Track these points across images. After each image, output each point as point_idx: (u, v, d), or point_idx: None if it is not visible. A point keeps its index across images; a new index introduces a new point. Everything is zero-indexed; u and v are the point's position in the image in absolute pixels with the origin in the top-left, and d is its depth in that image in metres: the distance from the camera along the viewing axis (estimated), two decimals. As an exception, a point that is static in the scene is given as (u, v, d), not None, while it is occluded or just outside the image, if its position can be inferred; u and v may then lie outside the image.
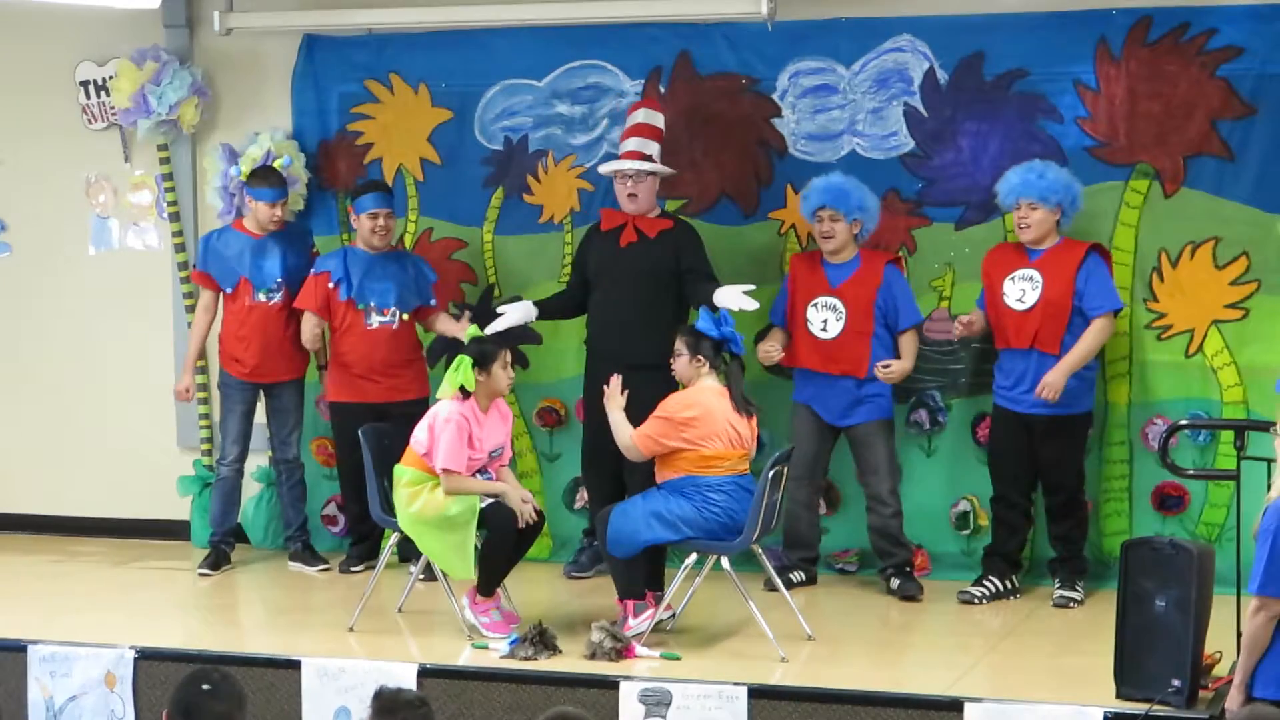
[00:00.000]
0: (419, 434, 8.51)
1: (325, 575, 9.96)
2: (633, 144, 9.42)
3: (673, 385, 8.86)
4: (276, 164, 10.04)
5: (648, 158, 9.37)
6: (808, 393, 9.36)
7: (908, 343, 9.31)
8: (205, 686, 5.70)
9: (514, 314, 9.29)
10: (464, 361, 8.49)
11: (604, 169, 9.53)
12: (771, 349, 9.31)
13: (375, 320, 9.74)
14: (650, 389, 8.72)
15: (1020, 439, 9.05)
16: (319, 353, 10.13)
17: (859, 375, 9.22)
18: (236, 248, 9.92)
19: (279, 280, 9.89)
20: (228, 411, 10.04)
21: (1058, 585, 9.09)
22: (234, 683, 5.79)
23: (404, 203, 10.31)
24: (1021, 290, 8.99)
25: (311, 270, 9.89)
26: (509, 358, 8.60)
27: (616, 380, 8.48)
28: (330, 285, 9.75)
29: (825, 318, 9.26)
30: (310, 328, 9.78)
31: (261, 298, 9.89)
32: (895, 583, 9.29)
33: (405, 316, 9.77)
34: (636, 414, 8.55)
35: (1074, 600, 9.00)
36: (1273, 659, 6.74)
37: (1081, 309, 8.92)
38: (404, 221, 10.31)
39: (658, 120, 9.49)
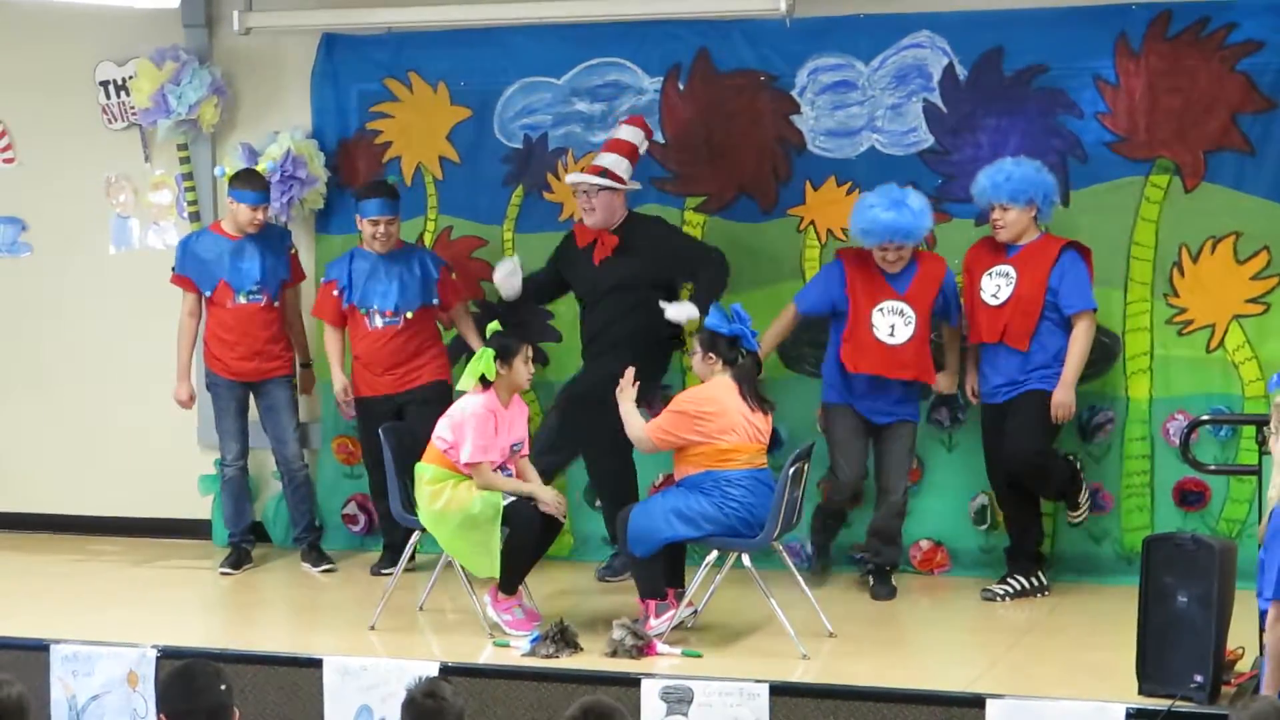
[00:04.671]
0: (440, 430, 8.51)
1: (346, 574, 9.95)
2: (598, 158, 9.44)
3: (650, 391, 8.90)
4: (260, 167, 10.04)
5: (605, 171, 9.35)
6: (849, 396, 9.25)
7: (955, 339, 9.35)
8: (223, 687, 5.67)
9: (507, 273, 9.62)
10: (486, 353, 8.49)
11: (567, 179, 9.54)
12: None
13: (379, 322, 9.75)
14: (643, 400, 8.74)
15: (1002, 431, 9.06)
16: (303, 349, 10.14)
17: (930, 381, 9.21)
18: (215, 250, 9.92)
19: (258, 281, 9.89)
20: (220, 411, 10.05)
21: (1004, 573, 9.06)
22: (214, 677, 5.72)
23: (423, 201, 10.32)
24: (997, 286, 9.01)
25: (323, 278, 9.95)
26: (530, 352, 8.60)
27: (630, 372, 8.48)
28: (335, 293, 9.78)
29: (893, 323, 9.15)
30: (331, 337, 9.85)
31: (242, 300, 9.90)
32: (871, 581, 9.27)
33: (409, 316, 9.76)
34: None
35: (996, 595, 8.98)
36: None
37: (1058, 306, 8.93)
38: (423, 220, 10.32)
39: (635, 137, 9.49)
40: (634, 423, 8.43)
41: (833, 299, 9.28)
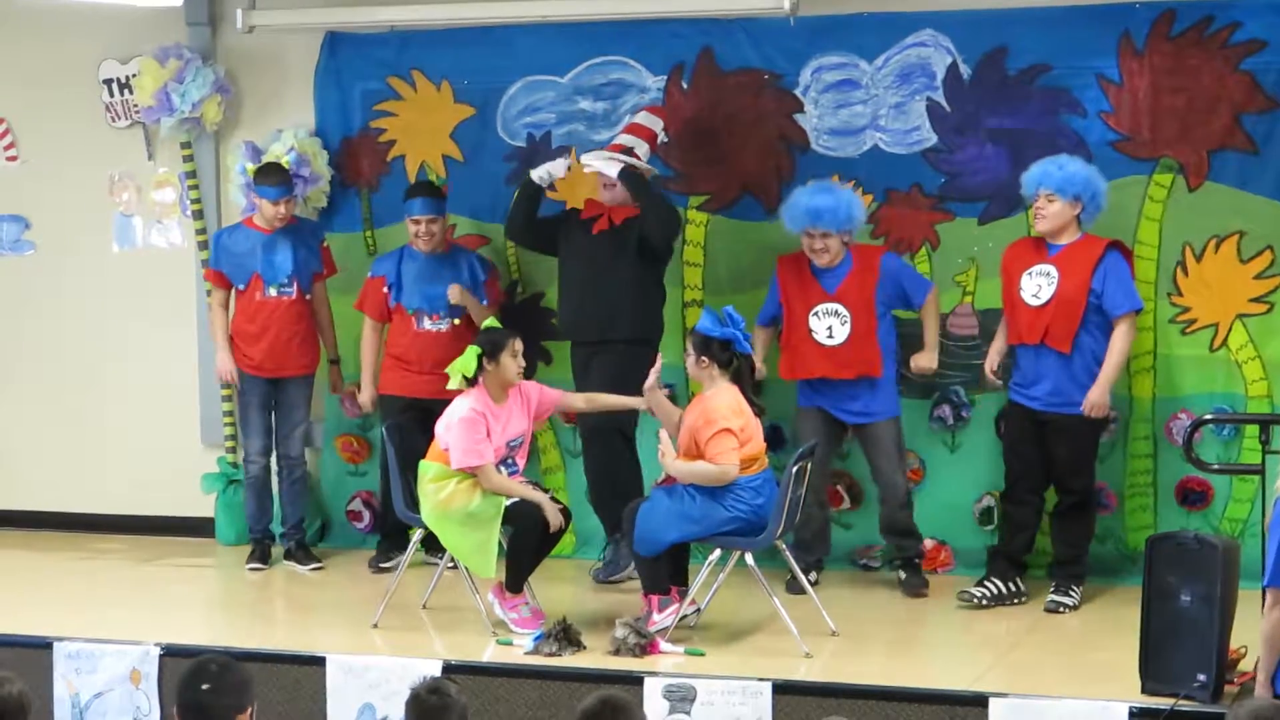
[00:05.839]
0: (440, 430, 8.51)
1: (350, 572, 9.94)
2: (619, 138, 9.47)
3: (640, 360, 8.86)
4: (284, 160, 10.05)
5: (628, 150, 9.38)
6: (819, 398, 9.29)
7: (928, 316, 9.28)
8: (206, 685, 5.69)
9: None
10: (472, 351, 8.48)
11: (584, 158, 9.54)
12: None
13: (427, 324, 9.78)
14: (618, 363, 8.96)
15: (1033, 435, 8.97)
16: (331, 345, 10.15)
17: (875, 375, 9.18)
18: (248, 244, 9.94)
19: (290, 275, 9.92)
20: (246, 406, 10.06)
21: (1052, 589, 8.96)
22: (235, 671, 5.76)
23: (427, 200, 10.34)
24: (1038, 285, 8.92)
25: (370, 273, 9.98)
26: (519, 346, 8.57)
27: (664, 435, 8.36)
28: (384, 289, 9.81)
29: (829, 324, 9.19)
30: (369, 337, 9.91)
31: (273, 293, 9.92)
32: (903, 575, 9.29)
33: (456, 322, 9.80)
34: (607, 387, 8.89)
35: (1066, 606, 8.86)
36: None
37: (1101, 308, 8.86)
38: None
39: (655, 125, 9.55)
40: (699, 469, 8.25)
41: (777, 308, 9.35)
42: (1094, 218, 8.97)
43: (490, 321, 8.73)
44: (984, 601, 8.99)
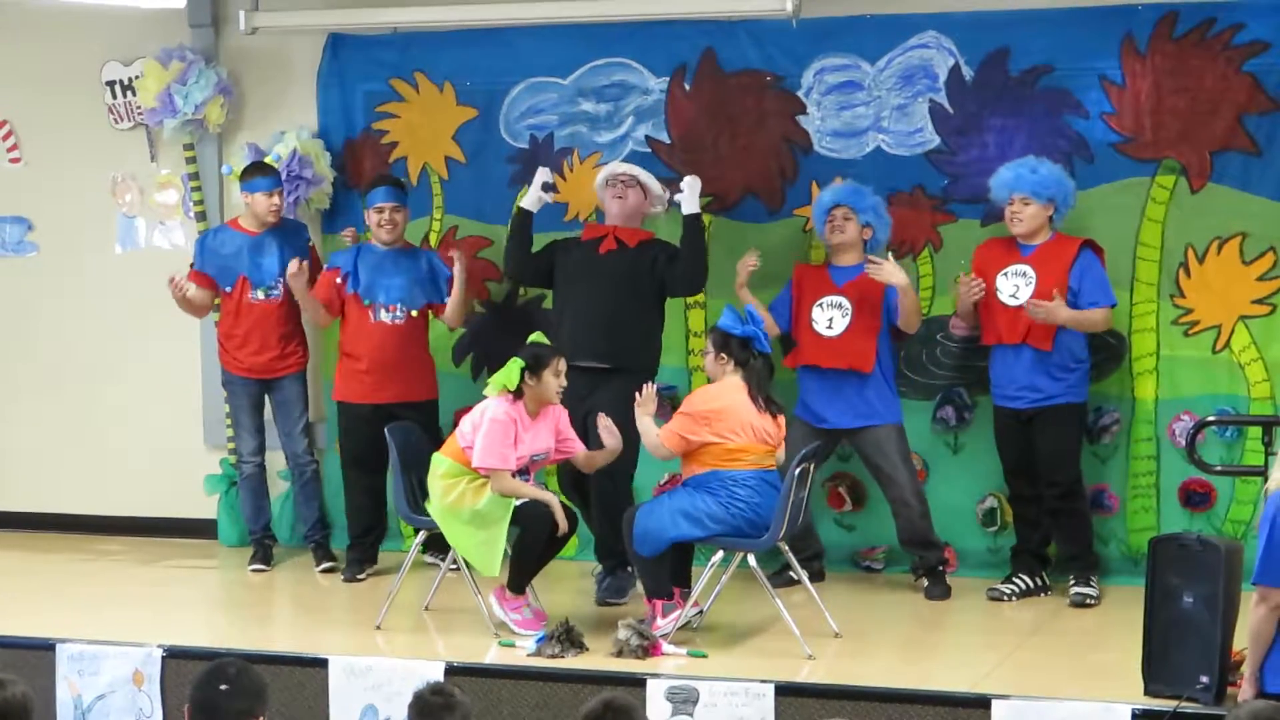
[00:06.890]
0: (463, 427, 8.49)
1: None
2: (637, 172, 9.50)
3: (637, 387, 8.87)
4: (267, 159, 10.06)
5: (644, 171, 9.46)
6: (812, 400, 9.31)
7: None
8: (223, 686, 5.73)
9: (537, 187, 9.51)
10: (515, 363, 8.46)
11: (601, 175, 9.51)
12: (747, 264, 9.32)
13: (383, 315, 9.75)
14: (625, 393, 8.74)
15: (1020, 435, 9.06)
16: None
17: (864, 370, 9.18)
18: (234, 246, 9.93)
19: (277, 278, 9.91)
20: (236, 408, 10.10)
21: (1073, 583, 9.05)
22: (252, 675, 5.81)
23: (429, 201, 10.32)
24: (1015, 286, 8.99)
25: (325, 265, 9.94)
26: (563, 365, 8.53)
27: (650, 388, 8.45)
28: (339, 280, 9.78)
29: (830, 316, 9.24)
30: (312, 306, 9.83)
31: (260, 295, 9.92)
32: (926, 583, 9.30)
33: (414, 313, 9.76)
34: (615, 417, 8.69)
35: (1090, 598, 8.95)
36: None
37: (1078, 305, 8.91)
38: (429, 220, 10.33)
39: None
40: (649, 433, 8.41)
41: (788, 311, 9.40)
42: (1064, 217, 9.08)
43: (537, 336, 8.66)
44: (1013, 597, 9.09)
